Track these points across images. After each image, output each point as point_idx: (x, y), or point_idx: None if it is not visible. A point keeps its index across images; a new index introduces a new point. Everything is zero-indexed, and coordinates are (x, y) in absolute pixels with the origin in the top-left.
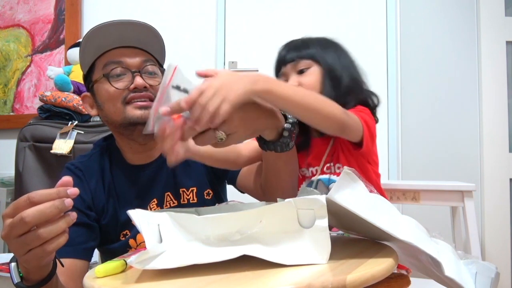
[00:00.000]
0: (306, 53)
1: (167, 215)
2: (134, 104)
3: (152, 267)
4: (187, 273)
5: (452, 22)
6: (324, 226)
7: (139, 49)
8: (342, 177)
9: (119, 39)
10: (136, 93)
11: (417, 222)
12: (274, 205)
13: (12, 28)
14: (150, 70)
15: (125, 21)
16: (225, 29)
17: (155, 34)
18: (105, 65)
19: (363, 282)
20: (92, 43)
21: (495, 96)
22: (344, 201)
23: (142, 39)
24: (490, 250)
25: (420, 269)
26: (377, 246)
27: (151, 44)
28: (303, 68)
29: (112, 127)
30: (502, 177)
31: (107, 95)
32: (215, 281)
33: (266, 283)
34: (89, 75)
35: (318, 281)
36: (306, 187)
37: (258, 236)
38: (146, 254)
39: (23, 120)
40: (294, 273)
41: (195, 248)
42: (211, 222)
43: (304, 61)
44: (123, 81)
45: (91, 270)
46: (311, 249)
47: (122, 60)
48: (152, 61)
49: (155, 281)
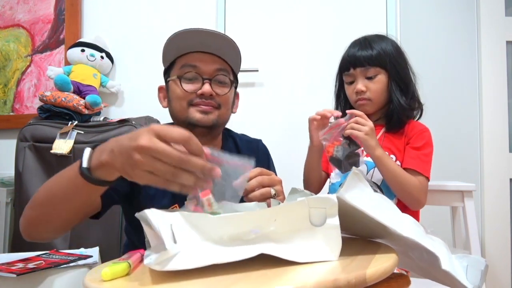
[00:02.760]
0: (377, 61)
1: (180, 215)
2: (197, 107)
3: (171, 268)
4: (202, 273)
5: (452, 22)
6: (335, 224)
7: (217, 57)
8: (351, 177)
9: (200, 44)
10: (202, 99)
11: (415, 220)
12: (289, 204)
13: (12, 28)
14: (221, 79)
15: (208, 30)
16: (225, 29)
17: (233, 45)
18: (182, 66)
19: (380, 276)
20: (175, 43)
21: (495, 96)
22: (354, 200)
23: (220, 48)
24: (490, 250)
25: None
26: (373, 244)
27: (229, 54)
28: (371, 75)
29: (176, 122)
30: (502, 177)
31: (177, 94)
32: (238, 279)
33: (293, 279)
34: (168, 70)
35: (342, 276)
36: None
37: (271, 235)
38: (166, 254)
39: (23, 120)
40: (313, 269)
41: (210, 247)
42: (224, 221)
43: (374, 69)
44: (193, 84)
45: (91, 272)
46: (323, 246)
47: (198, 65)
48: (226, 70)
49: (174, 282)
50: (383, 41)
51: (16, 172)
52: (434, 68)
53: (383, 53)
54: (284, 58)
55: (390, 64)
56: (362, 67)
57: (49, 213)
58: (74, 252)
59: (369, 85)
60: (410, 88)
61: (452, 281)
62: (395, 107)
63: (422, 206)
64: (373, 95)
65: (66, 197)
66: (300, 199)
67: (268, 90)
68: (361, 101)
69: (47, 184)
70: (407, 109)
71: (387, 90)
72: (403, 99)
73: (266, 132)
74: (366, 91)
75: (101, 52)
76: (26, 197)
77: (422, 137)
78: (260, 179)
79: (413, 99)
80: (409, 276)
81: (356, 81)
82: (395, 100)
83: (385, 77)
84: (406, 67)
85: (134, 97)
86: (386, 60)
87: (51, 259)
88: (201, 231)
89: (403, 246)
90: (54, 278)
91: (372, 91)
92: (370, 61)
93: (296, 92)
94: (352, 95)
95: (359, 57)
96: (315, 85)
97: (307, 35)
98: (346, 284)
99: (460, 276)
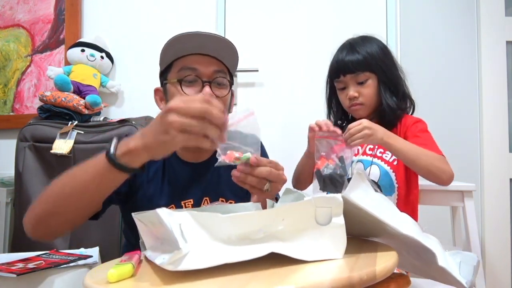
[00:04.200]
0: (365, 66)
1: (189, 214)
2: None
3: (184, 268)
4: (212, 272)
5: (452, 22)
6: (341, 223)
7: (214, 59)
8: (355, 178)
9: (198, 46)
10: None
11: (412, 219)
12: (296, 203)
13: (12, 28)
14: (220, 81)
15: (205, 33)
16: (225, 29)
17: (230, 47)
18: (180, 68)
19: (388, 272)
20: (173, 45)
21: (495, 96)
22: (358, 199)
23: (218, 49)
24: (490, 250)
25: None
26: (370, 242)
27: (227, 56)
28: (362, 81)
29: None
30: (502, 177)
31: None
32: (251, 278)
33: (307, 277)
34: (164, 72)
35: (355, 274)
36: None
37: (279, 234)
38: (179, 254)
39: (23, 120)
40: (323, 267)
41: (219, 247)
42: (233, 221)
43: (363, 74)
44: (193, 88)
45: (92, 273)
46: (329, 245)
47: (197, 67)
48: (224, 72)
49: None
50: (369, 42)
51: (16, 172)
52: (434, 68)
53: (369, 57)
54: (284, 58)
55: (377, 66)
56: (352, 74)
57: (66, 204)
58: (74, 252)
59: (360, 90)
60: (399, 88)
61: (446, 277)
62: (387, 108)
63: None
64: (365, 100)
65: (88, 185)
66: (307, 198)
67: (268, 90)
68: (354, 106)
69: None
70: (399, 108)
71: (378, 93)
72: (393, 100)
73: (266, 132)
74: (358, 96)
75: (101, 52)
76: (26, 197)
77: (416, 126)
78: (269, 171)
79: (403, 98)
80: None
81: (347, 87)
82: (385, 103)
83: (374, 80)
84: (394, 67)
85: (134, 97)
86: (373, 64)
87: (51, 259)
88: (210, 230)
89: (399, 244)
90: (54, 278)
91: (364, 96)
92: (358, 66)
93: (296, 92)
94: (345, 101)
95: (347, 62)
96: (315, 85)
97: (307, 35)
98: (359, 281)
99: (454, 272)
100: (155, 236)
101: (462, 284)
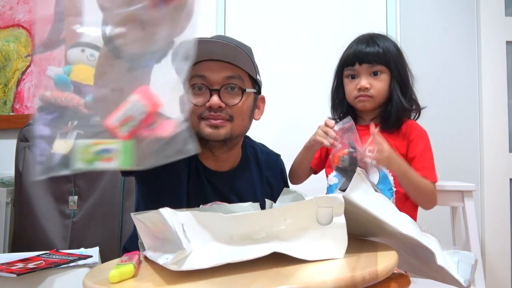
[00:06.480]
0: (383, 59)
1: (191, 214)
2: (207, 121)
3: (187, 267)
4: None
5: (452, 22)
6: (342, 223)
7: (228, 63)
8: (355, 178)
9: (208, 53)
10: (211, 112)
11: (411, 219)
12: (297, 203)
13: (12, 28)
14: (232, 86)
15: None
16: (225, 30)
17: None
18: (191, 77)
19: (389, 271)
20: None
21: (495, 96)
22: (359, 199)
23: (229, 54)
24: (490, 250)
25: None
26: (370, 242)
27: (239, 58)
28: (377, 71)
29: None
30: (502, 177)
31: None
32: (255, 278)
33: (311, 276)
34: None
35: (357, 273)
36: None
37: (281, 234)
38: (183, 254)
39: (23, 120)
40: (326, 267)
41: (221, 247)
42: (235, 220)
43: (379, 66)
44: (201, 97)
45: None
46: (330, 244)
47: (206, 74)
48: (238, 77)
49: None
50: (386, 40)
51: (16, 172)
52: (434, 68)
53: (388, 52)
54: (284, 58)
55: (393, 63)
56: (368, 64)
57: None
58: (74, 252)
59: (373, 83)
60: (409, 89)
61: (445, 276)
62: (395, 106)
63: (434, 205)
64: (376, 93)
65: None
66: (308, 198)
67: (268, 91)
68: (362, 97)
69: None
70: (406, 109)
71: (388, 89)
72: (403, 99)
73: (266, 132)
74: (370, 88)
75: None
76: (26, 197)
77: (421, 141)
78: None
79: (410, 100)
80: (409, 276)
81: (359, 77)
82: (395, 99)
83: (388, 76)
84: (406, 69)
85: None
86: (390, 59)
87: (51, 259)
88: (212, 230)
89: (398, 244)
90: (54, 278)
91: (376, 89)
92: (377, 58)
93: (296, 92)
94: (353, 91)
95: (366, 53)
96: (315, 85)
97: (307, 35)
98: (362, 280)
99: (452, 271)
100: (155, 236)
101: (461, 282)
